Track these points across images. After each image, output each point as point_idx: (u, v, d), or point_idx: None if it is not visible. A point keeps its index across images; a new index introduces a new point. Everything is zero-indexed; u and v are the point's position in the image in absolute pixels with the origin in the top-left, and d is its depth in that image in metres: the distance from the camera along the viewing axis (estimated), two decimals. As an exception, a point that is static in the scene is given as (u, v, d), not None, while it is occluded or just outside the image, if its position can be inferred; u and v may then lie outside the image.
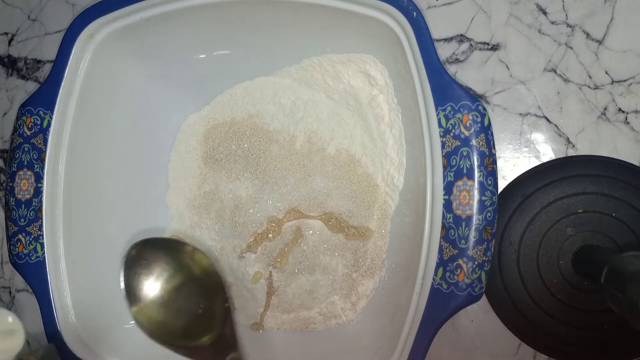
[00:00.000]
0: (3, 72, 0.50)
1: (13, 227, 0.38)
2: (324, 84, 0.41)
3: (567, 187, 0.37)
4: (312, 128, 0.42)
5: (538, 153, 0.39)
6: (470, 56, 0.40)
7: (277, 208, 0.42)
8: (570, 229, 0.37)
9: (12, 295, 0.49)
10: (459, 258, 0.30)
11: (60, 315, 0.37)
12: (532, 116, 0.39)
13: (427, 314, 0.31)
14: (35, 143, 0.38)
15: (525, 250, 0.37)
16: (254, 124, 0.43)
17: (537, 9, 0.39)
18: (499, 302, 0.38)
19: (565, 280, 0.37)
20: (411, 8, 0.32)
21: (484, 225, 0.29)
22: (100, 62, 0.39)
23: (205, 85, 0.44)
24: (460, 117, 0.30)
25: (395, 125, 0.38)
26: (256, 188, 0.42)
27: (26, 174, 0.38)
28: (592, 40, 0.39)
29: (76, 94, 0.39)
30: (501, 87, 0.40)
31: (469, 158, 0.30)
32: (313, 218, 0.41)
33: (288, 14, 0.37)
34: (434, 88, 0.31)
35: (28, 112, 0.38)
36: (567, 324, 0.37)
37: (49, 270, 0.37)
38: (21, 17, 0.50)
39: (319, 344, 0.40)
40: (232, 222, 0.42)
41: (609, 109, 0.38)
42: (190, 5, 0.37)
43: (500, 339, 0.38)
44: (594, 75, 0.39)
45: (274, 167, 0.42)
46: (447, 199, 0.31)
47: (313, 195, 0.41)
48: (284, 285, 0.41)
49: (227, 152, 0.43)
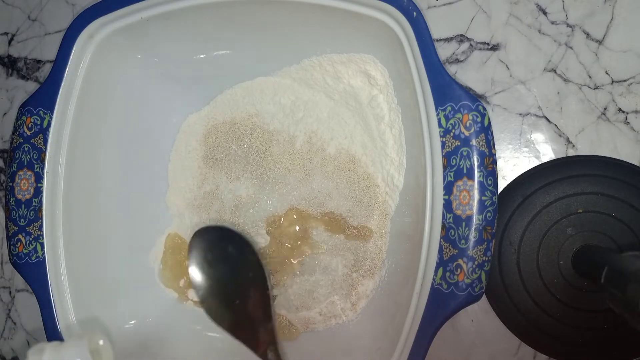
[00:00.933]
0: (3, 72, 0.50)
1: (13, 227, 0.38)
2: (324, 84, 0.41)
3: (567, 187, 0.37)
4: (312, 128, 0.42)
5: (538, 153, 0.39)
6: (470, 56, 0.40)
7: (277, 208, 0.42)
8: (570, 229, 0.37)
9: (12, 295, 0.49)
10: (459, 258, 0.30)
11: (60, 315, 0.37)
12: (532, 116, 0.39)
13: (427, 314, 0.31)
14: (35, 143, 0.38)
15: (525, 250, 0.37)
16: (254, 124, 0.43)
17: (537, 9, 0.39)
18: (499, 302, 0.38)
19: (565, 280, 0.37)
20: (411, 8, 0.32)
21: (484, 225, 0.29)
22: (100, 62, 0.39)
23: (205, 85, 0.44)
24: (460, 117, 0.30)
25: (395, 125, 0.38)
26: (256, 188, 0.42)
27: (26, 174, 0.38)
28: (592, 40, 0.39)
29: (76, 94, 0.39)
30: (501, 87, 0.40)
31: (469, 158, 0.30)
32: (313, 218, 0.41)
33: (288, 14, 0.37)
34: (434, 88, 0.31)
35: (28, 112, 0.38)
36: (567, 324, 0.37)
37: (49, 270, 0.37)
38: (21, 17, 0.50)
39: (318, 344, 0.40)
40: (232, 222, 0.42)
41: (609, 109, 0.38)
42: (191, 5, 0.37)
43: (500, 339, 0.38)
44: (594, 75, 0.39)
45: (274, 167, 0.42)
46: (447, 199, 0.31)
47: (313, 196, 0.41)
48: (284, 285, 0.41)
49: (227, 152, 0.43)
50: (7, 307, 0.49)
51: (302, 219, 0.41)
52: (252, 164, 0.43)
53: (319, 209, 0.41)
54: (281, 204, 0.42)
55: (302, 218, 0.41)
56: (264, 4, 0.37)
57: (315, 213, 0.41)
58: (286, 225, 0.41)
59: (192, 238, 0.39)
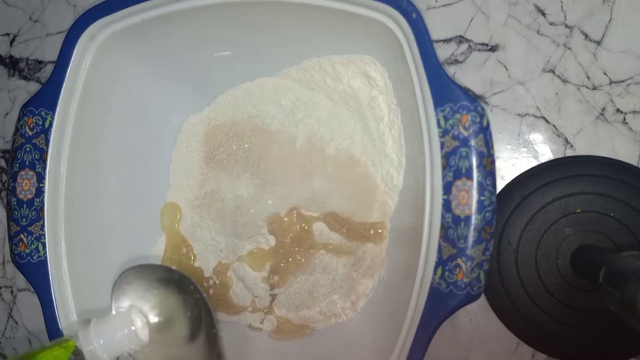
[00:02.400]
0: (5, 72, 0.51)
1: (15, 227, 0.38)
2: (324, 85, 0.41)
3: (566, 187, 0.37)
4: (312, 129, 0.42)
5: (536, 153, 0.39)
6: (469, 57, 0.40)
7: (278, 208, 0.42)
8: (568, 229, 0.37)
9: (14, 294, 0.49)
10: (458, 257, 0.30)
11: (61, 315, 0.37)
12: (530, 117, 0.39)
13: (426, 313, 0.31)
14: (37, 143, 0.38)
15: (523, 250, 0.38)
16: (254, 124, 0.43)
17: (536, 9, 0.40)
18: (497, 302, 0.38)
19: (563, 280, 0.37)
20: (410, 9, 0.32)
21: (483, 225, 0.30)
22: (101, 63, 0.39)
23: (206, 86, 0.44)
24: (459, 118, 0.30)
25: (394, 125, 0.38)
26: (257, 188, 0.43)
27: (28, 174, 0.38)
28: (590, 41, 0.39)
29: (78, 94, 0.39)
30: (500, 87, 0.40)
31: (467, 158, 0.30)
32: (314, 218, 0.41)
33: (288, 15, 0.38)
34: (433, 89, 0.31)
35: (30, 113, 0.38)
36: (566, 323, 0.37)
37: (50, 270, 0.37)
38: (23, 18, 0.50)
39: (319, 343, 0.40)
40: (233, 222, 0.42)
41: (607, 110, 0.38)
42: (192, 7, 0.37)
43: (499, 338, 0.39)
44: (593, 76, 0.39)
45: (275, 167, 0.42)
46: (446, 198, 0.31)
47: (313, 196, 0.41)
48: (285, 285, 0.41)
49: (228, 153, 0.44)
50: (9, 307, 0.49)
51: (303, 220, 0.41)
52: (253, 164, 0.43)
53: (319, 209, 0.41)
54: (282, 203, 0.42)
55: (303, 219, 0.41)
56: (264, 5, 0.37)
57: (316, 213, 0.41)
58: (288, 225, 0.41)
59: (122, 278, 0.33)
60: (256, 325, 0.42)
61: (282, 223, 0.42)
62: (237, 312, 0.42)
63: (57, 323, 0.37)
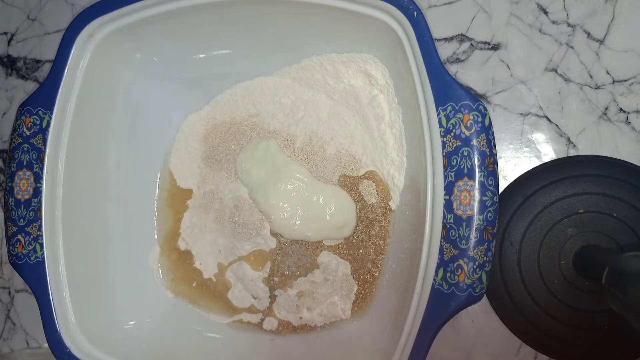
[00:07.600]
0: (2, 71, 0.50)
1: (12, 228, 0.38)
2: (324, 84, 0.41)
3: (568, 187, 0.37)
4: (312, 128, 0.42)
5: (539, 153, 0.39)
6: (471, 56, 0.40)
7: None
8: (571, 229, 0.37)
9: (12, 295, 0.48)
10: (460, 258, 0.30)
11: (59, 316, 0.37)
12: (533, 116, 0.39)
13: (427, 314, 0.31)
14: (34, 143, 0.38)
15: (526, 251, 0.37)
16: (254, 123, 0.43)
17: (538, 8, 0.39)
18: (499, 303, 0.38)
19: (566, 280, 0.37)
20: (412, 7, 0.32)
21: (485, 225, 0.29)
22: (99, 62, 0.39)
23: (205, 85, 0.44)
24: (461, 117, 0.30)
25: (395, 125, 0.38)
26: (256, 188, 0.42)
27: (25, 174, 0.38)
28: (593, 39, 0.39)
29: (75, 93, 0.38)
30: (502, 86, 0.39)
31: (469, 158, 0.30)
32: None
33: (288, 14, 0.37)
34: (434, 88, 0.31)
35: (27, 112, 0.38)
36: (568, 324, 0.37)
37: (48, 271, 0.37)
38: (20, 16, 0.50)
39: (319, 345, 0.40)
40: (231, 222, 0.42)
41: (610, 109, 0.38)
42: (190, 5, 0.37)
43: (501, 339, 0.38)
44: (595, 75, 0.38)
45: (274, 167, 0.42)
46: (447, 199, 0.30)
47: (313, 196, 0.41)
48: (285, 286, 0.41)
49: (227, 152, 0.43)
50: (7, 308, 0.49)
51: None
52: (252, 164, 0.42)
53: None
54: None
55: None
56: (263, 3, 0.37)
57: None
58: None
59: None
60: (256, 327, 0.42)
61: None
62: (236, 313, 0.42)
63: (55, 324, 0.37)
